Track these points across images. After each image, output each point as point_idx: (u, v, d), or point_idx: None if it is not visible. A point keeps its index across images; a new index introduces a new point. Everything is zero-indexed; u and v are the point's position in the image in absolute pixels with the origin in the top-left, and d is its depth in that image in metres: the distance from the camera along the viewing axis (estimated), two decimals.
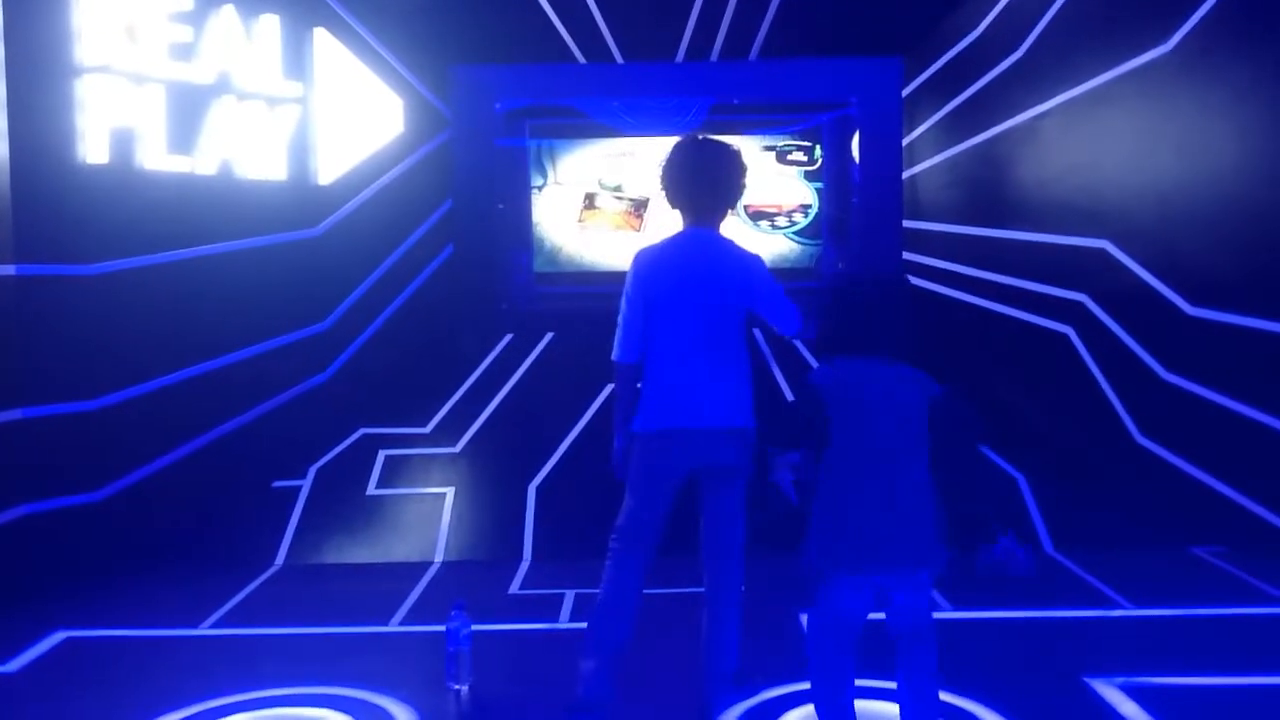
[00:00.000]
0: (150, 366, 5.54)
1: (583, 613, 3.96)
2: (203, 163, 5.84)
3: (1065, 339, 6.63)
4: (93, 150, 5.21)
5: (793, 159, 9.20)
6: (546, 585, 4.97)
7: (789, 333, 3.49)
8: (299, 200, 6.61)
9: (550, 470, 6.21)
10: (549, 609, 4.62)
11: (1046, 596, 4.68)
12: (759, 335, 7.36)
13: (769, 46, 8.23)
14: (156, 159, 5.55)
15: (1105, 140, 6.23)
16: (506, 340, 8.10)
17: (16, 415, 4.88)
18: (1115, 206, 6.15)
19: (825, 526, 2.81)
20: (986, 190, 7.56)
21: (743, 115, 8.93)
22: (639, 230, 9.10)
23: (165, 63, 5.58)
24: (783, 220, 9.20)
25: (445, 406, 7.08)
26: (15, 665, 4.06)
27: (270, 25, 6.26)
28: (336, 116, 6.94)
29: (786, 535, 3.09)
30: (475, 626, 3.78)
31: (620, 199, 9.17)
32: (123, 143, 5.38)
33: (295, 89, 6.52)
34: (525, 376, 7.58)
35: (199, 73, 5.78)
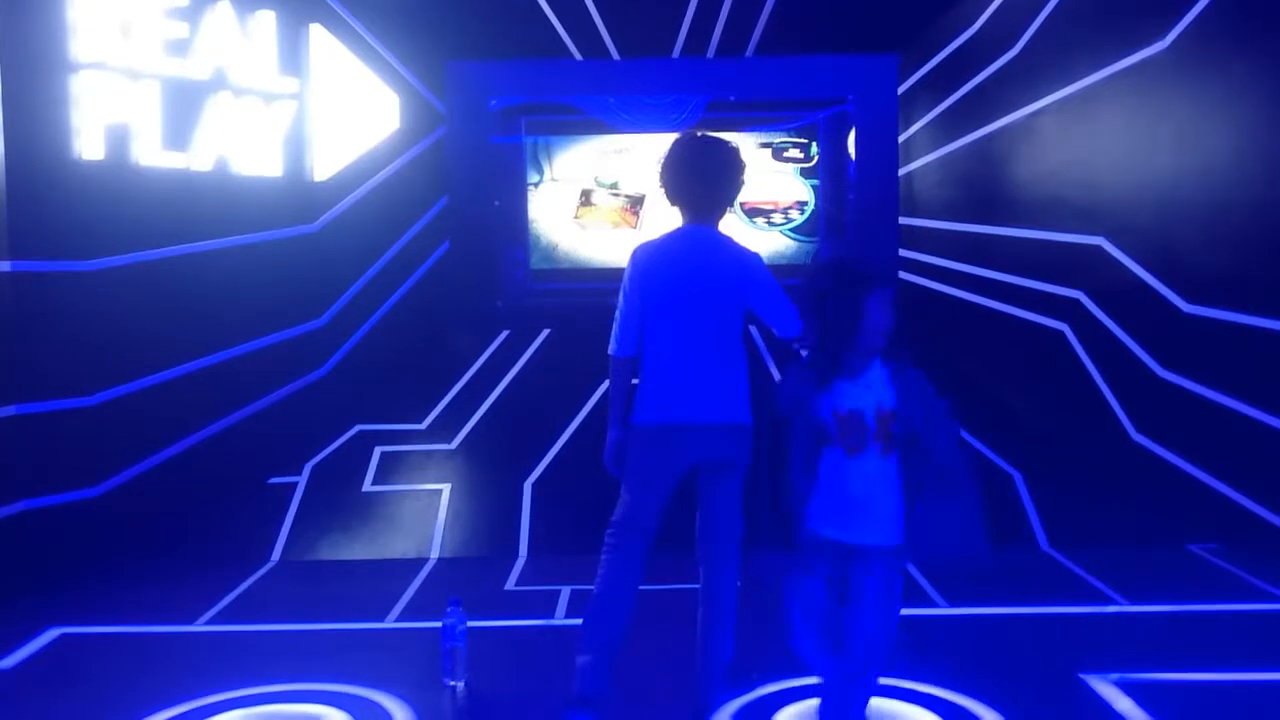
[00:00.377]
0: (146, 363, 5.53)
1: (578, 608, 3.96)
2: (198, 159, 5.83)
3: (1061, 336, 6.63)
4: (88, 146, 5.19)
5: (789, 156, 9.20)
6: (542, 581, 4.98)
7: (787, 335, 3.38)
8: (295, 196, 6.60)
9: (546, 466, 6.22)
10: (545, 605, 4.62)
11: (1042, 593, 4.68)
12: (756, 335, 7.36)
13: (765, 43, 8.24)
14: (152, 155, 5.55)
15: (1101, 137, 6.23)
16: (502, 337, 8.11)
17: (12, 411, 4.87)
18: (1111, 203, 6.16)
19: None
20: (982, 187, 7.56)
21: (739, 112, 8.95)
22: (635, 227, 9.10)
23: (161, 58, 5.56)
24: (779, 217, 9.20)
25: (441, 403, 7.08)
26: (10, 661, 4.05)
27: (266, 21, 6.25)
28: (332, 113, 6.93)
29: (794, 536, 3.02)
30: (471, 622, 3.78)
31: (616, 195, 9.17)
32: (118, 139, 5.36)
33: (291, 85, 6.51)
34: (521, 373, 7.58)
35: (194, 69, 5.76)
